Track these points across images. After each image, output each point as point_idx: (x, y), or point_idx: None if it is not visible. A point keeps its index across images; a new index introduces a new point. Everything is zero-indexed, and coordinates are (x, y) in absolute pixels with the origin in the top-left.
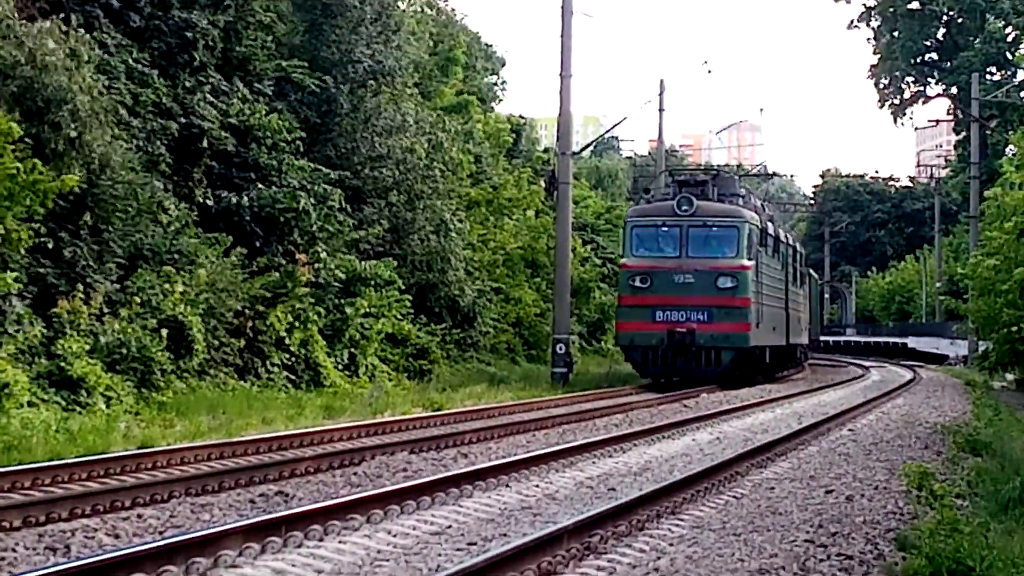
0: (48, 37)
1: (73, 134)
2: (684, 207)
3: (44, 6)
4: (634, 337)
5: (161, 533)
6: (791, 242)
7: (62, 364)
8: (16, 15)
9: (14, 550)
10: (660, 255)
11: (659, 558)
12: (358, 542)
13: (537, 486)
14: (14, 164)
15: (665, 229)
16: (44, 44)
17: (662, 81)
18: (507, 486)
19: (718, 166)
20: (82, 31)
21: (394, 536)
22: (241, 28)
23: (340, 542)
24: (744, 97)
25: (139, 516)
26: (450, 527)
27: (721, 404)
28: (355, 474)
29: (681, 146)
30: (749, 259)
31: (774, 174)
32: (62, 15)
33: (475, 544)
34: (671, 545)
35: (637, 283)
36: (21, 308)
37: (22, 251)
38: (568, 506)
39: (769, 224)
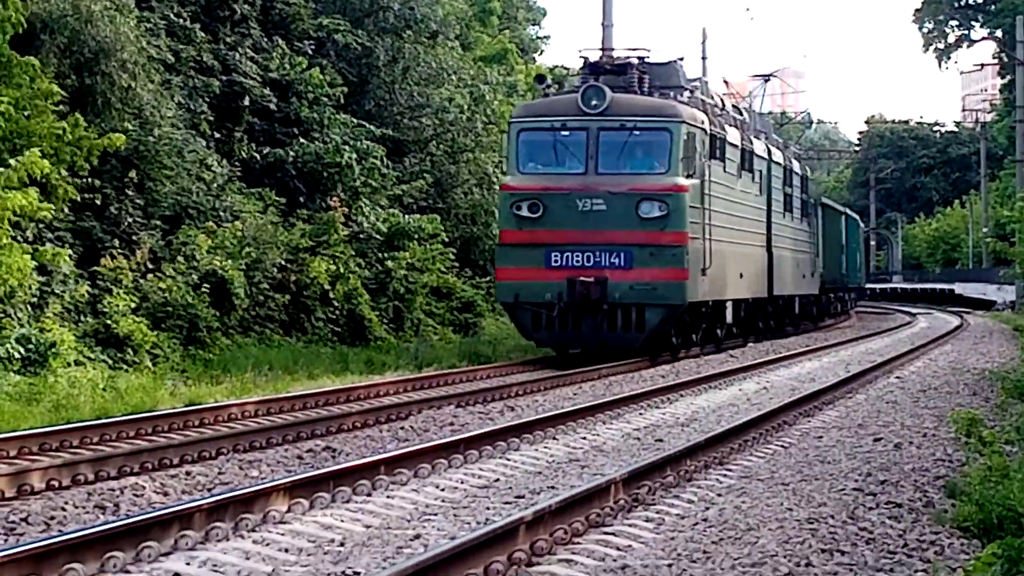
0: None
1: (126, 84)
2: (594, 101)
3: None
4: (520, 290)
5: (210, 490)
6: (791, 165)
7: (108, 322)
8: None
9: (63, 509)
10: (557, 171)
11: (707, 508)
12: (406, 496)
13: (584, 438)
14: (60, 124)
15: (565, 134)
16: None
17: (704, 30)
18: (554, 439)
19: (760, 112)
20: None
21: (442, 490)
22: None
23: (388, 497)
24: (787, 43)
25: (187, 473)
26: (497, 480)
27: (767, 353)
28: (402, 428)
29: (724, 94)
30: (687, 176)
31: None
32: None
33: (523, 497)
34: (719, 495)
35: (524, 212)
36: (68, 267)
37: (65, 208)
38: (615, 458)
39: (739, 133)
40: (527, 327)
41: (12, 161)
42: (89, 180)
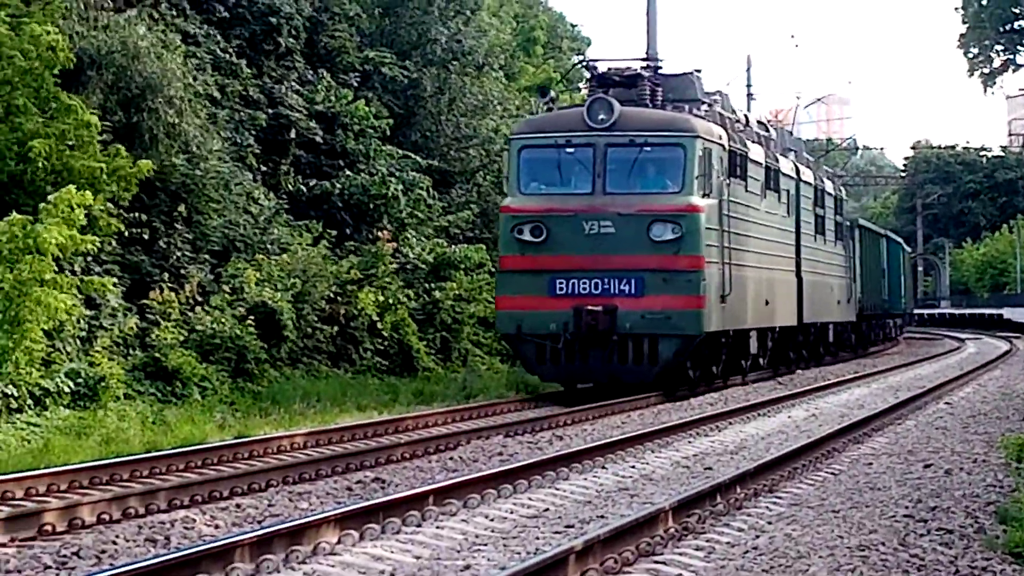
0: (139, 24)
1: (172, 120)
2: (601, 116)
3: None
4: (522, 321)
5: (260, 522)
6: (822, 185)
7: (157, 355)
8: (108, 3)
9: (115, 542)
10: (562, 191)
11: (758, 536)
12: (456, 527)
13: (633, 467)
14: (102, 159)
15: (570, 151)
16: (135, 31)
17: (748, 57)
18: (603, 467)
19: (805, 138)
20: (171, 16)
21: (491, 520)
22: (325, 20)
23: (438, 527)
24: (832, 70)
25: (237, 506)
26: (547, 510)
27: (816, 380)
28: (451, 459)
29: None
30: (704, 195)
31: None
32: (151, 3)
33: (572, 526)
34: (769, 523)
35: (526, 236)
36: (116, 300)
37: (113, 242)
38: (665, 486)
39: (763, 150)
40: (531, 361)
41: (51, 197)
42: (138, 215)
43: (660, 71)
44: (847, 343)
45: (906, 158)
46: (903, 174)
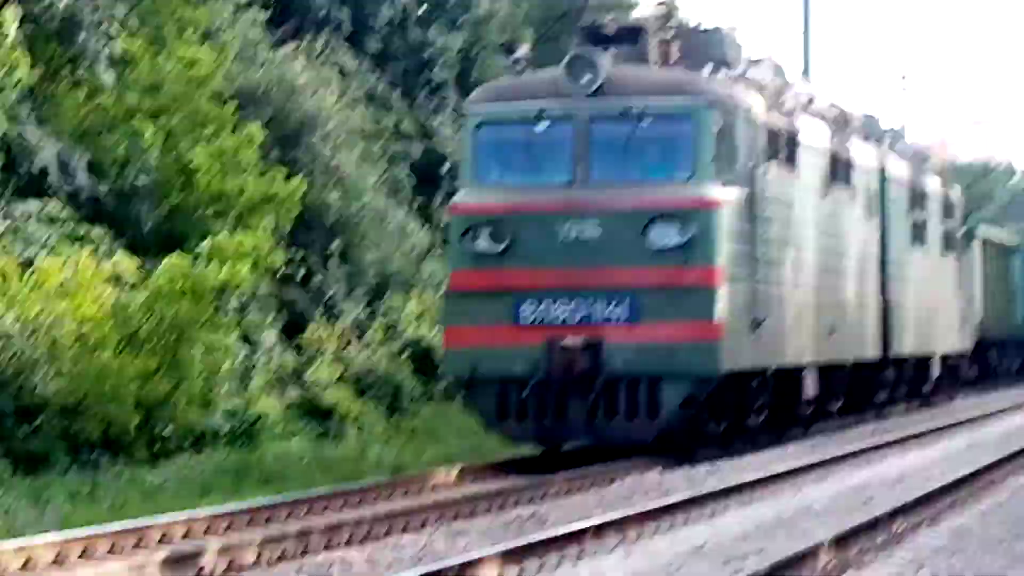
0: (295, 60)
1: (328, 155)
2: (584, 77)
3: (287, 33)
4: (478, 360)
5: (418, 560)
6: (922, 184)
7: (313, 393)
8: (265, 41)
9: None
10: (532, 183)
11: (919, 569)
12: (615, 563)
13: (792, 500)
14: (264, 185)
15: (543, 127)
16: (292, 68)
17: (903, 77)
18: (762, 500)
19: None
20: (327, 52)
21: (650, 556)
22: (478, 51)
23: (597, 563)
24: (988, 90)
25: (396, 544)
26: (706, 545)
27: (971, 410)
28: (608, 494)
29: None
30: (724, 184)
31: None
32: (306, 39)
33: (731, 561)
34: (931, 556)
35: (482, 243)
36: (272, 337)
37: (269, 280)
38: (824, 519)
39: (827, 132)
40: (489, 414)
41: (209, 240)
42: (294, 251)
43: (673, 21)
44: (959, 375)
45: None
46: None
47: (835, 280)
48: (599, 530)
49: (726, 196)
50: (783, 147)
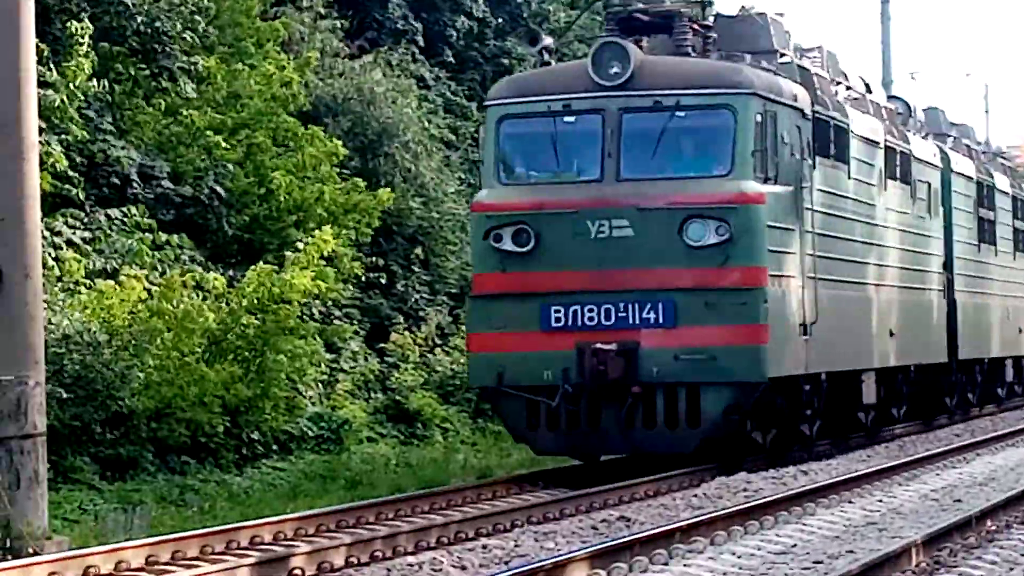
0: (374, 70)
1: (408, 165)
2: (613, 68)
3: (364, 44)
4: (504, 367)
5: (507, 563)
6: (991, 181)
7: (398, 398)
8: (344, 51)
9: None
10: (559, 179)
11: (1011, 570)
12: (703, 564)
13: (880, 500)
14: (343, 196)
15: (570, 121)
16: (370, 77)
17: (986, 86)
18: (849, 502)
19: None
20: (405, 61)
21: (739, 557)
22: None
23: (685, 565)
24: None
25: (484, 547)
26: (795, 546)
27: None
28: (695, 496)
29: (1008, 146)
30: (766, 180)
31: None
32: (385, 48)
33: (821, 562)
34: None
35: (507, 244)
36: (356, 344)
37: (351, 287)
38: (914, 520)
39: (882, 126)
40: (517, 425)
41: (299, 244)
42: (376, 259)
43: (710, 10)
44: None
45: None
46: None
47: (894, 280)
48: (687, 531)
49: (769, 191)
50: (833, 140)
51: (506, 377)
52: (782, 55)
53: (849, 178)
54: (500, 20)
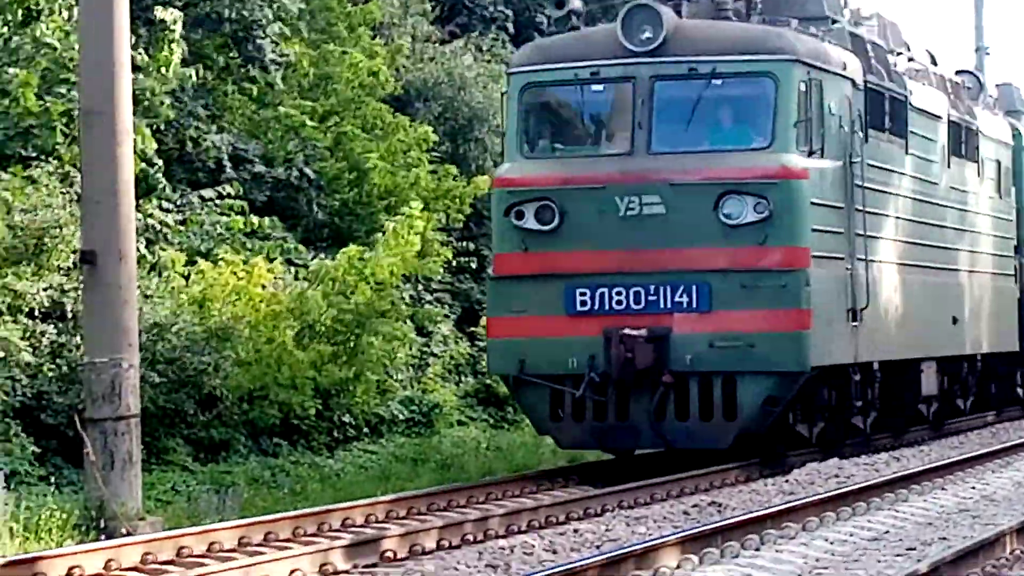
0: (464, 55)
1: (498, 148)
2: (644, 33)
3: (455, 30)
4: (526, 354)
5: (598, 547)
6: None
7: (488, 382)
8: (435, 36)
9: (456, 568)
10: (586, 153)
11: None
12: (795, 550)
13: (973, 487)
14: (433, 183)
15: (597, 89)
16: (461, 63)
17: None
18: (942, 488)
19: None
20: (496, 46)
21: (831, 543)
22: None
23: (777, 551)
24: None
25: (575, 531)
26: (887, 532)
27: None
28: (786, 481)
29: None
30: (810, 154)
31: None
32: (476, 34)
33: (914, 549)
34: None
35: (530, 223)
36: (447, 328)
37: (440, 271)
38: (1007, 507)
39: (945, 99)
40: (540, 416)
41: (389, 224)
42: (466, 244)
43: None
44: None
45: None
46: None
47: (957, 264)
48: (778, 517)
49: (813, 166)
50: (889, 112)
51: (528, 364)
52: (834, 21)
53: (907, 154)
54: (590, 7)
